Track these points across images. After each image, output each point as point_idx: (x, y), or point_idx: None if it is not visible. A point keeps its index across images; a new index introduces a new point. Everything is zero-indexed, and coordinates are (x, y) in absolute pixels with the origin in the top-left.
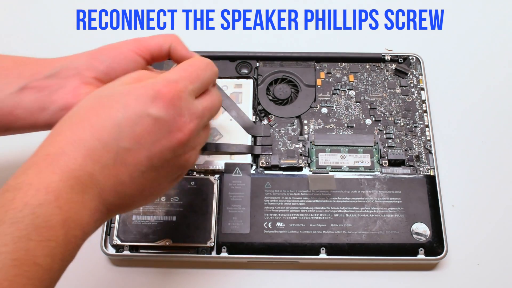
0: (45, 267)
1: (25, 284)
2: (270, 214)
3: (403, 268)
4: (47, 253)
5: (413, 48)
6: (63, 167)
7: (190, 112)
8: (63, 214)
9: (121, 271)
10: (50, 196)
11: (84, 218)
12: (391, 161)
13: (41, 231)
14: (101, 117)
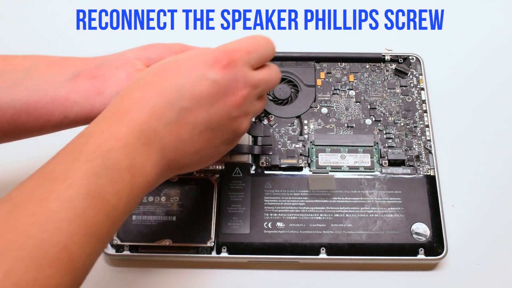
0: (112, 205)
1: (94, 216)
2: (270, 214)
3: (403, 268)
4: (114, 192)
5: (413, 48)
6: (131, 121)
7: (245, 79)
8: (129, 161)
9: (121, 271)
10: (119, 143)
11: (148, 168)
12: (391, 161)
13: (110, 172)
14: (165, 80)
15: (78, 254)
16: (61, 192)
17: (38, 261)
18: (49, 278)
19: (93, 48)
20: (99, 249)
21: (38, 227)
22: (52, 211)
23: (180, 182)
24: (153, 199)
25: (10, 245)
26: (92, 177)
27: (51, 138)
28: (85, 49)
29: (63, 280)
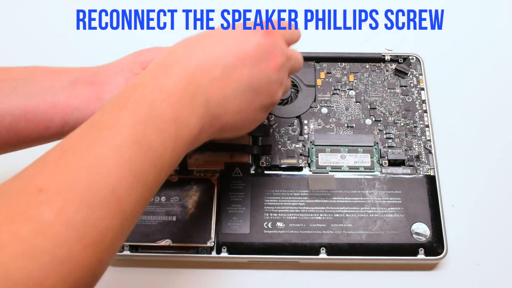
0: (159, 154)
1: (141, 163)
2: (270, 214)
3: (403, 268)
4: (160, 142)
5: (413, 48)
6: (176, 74)
7: (282, 48)
8: (174, 112)
9: (121, 271)
10: (164, 95)
11: (192, 121)
12: (391, 161)
13: (156, 122)
14: (210, 42)
15: (126, 199)
16: (108, 139)
17: (88, 202)
18: (100, 220)
19: (93, 48)
20: (146, 198)
21: (87, 171)
22: (100, 156)
23: (180, 182)
24: (153, 199)
25: (61, 187)
26: (139, 125)
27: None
28: (85, 50)
29: (113, 223)
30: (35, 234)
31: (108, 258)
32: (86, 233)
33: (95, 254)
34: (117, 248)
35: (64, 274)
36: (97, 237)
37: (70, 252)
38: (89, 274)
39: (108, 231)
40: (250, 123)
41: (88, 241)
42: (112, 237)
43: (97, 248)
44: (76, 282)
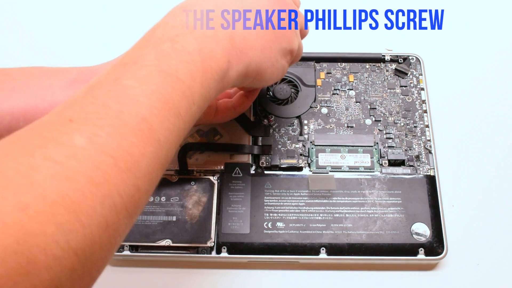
0: (187, 85)
1: (169, 92)
2: (270, 214)
3: (403, 268)
4: (187, 73)
5: (413, 48)
6: (196, 11)
7: (292, 4)
8: (198, 44)
9: (121, 271)
10: (186, 30)
11: (218, 52)
12: (391, 161)
13: (180, 54)
14: None
15: (158, 127)
16: (134, 72)
17: (120, 129)
18: (133, 146)
19: (94, 48)
20: (180, 129)
21: (115, 100)
22: (127, 87)
23: (180, 182)
24: (153, 199)
25: (90, 116)
26: (163, 58)
27: None
28: (83, 49)
29: (147, 150)
30: (69, 157)
31: (146, 186)
32: (120, 158)
33: (131, 180)
34: (155, 178)
35: (101, 196)
36: (132, 163)
37: (106, 176)
38: (127, 200)
39: (143, 158)
40: (273, 66)
41: (123, 166)
42: (148, 164)
43: (133, 174)
44: (116, 206)
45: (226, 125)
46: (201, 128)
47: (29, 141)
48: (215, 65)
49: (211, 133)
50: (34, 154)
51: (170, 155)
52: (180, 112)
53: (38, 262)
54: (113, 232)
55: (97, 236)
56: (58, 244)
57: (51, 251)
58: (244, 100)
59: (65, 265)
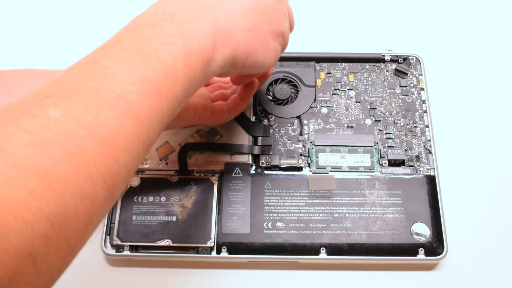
0: (169, 65)
1: (150, 72)
2: (270, 214)
3: (403, 268)
4: (168, 53)
5: (413, 48)
6: (180, 2)
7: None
8: (179, 28)
9: (121, 271)
10: (166, 15)
11: (201, 34)
12: (391, 161)
13: (160, 37)
14: None
15: (137, 103)
16: (113, 54)
17: (96, 103)
18: (110, 119)
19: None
20: (162, 106)
21: (93, 79)
22: (106, 67)
23: (180, 182)
24: (153, 199)
25: (67, 91)
26: (142, 40)
27: None
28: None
29: (126, 125)
30: (42, 128)
31: (126, 160)
32: (96, 130)
33: (109, 152)
34: (136, 153)
35: (76, 166)
36: (109, 136)
37: (80, 146)
38: (105, 171)
39: (121, 132)
40: (265, 48)
41: (99, 138)
42: (127, 139)
43: (110, 146)
44: (92, 177)
45: (226, 125)
46: (201, 128)
47: (4, 115)
48: (199, 47)
49: (211, 133)
50: (8, 125)
51: (153, 133)
52: (162, 90)
53: (8, 225)
54: (90, 204)
55: (72, 204)
56: (29, 209)
57: (22, 215)
58: (238, 102)
59: (37, 230)
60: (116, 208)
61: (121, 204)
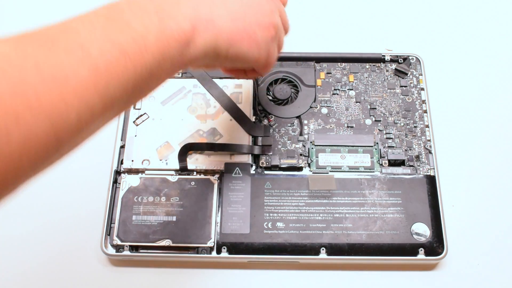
0: (139, 33)
1: (116, 32)
2: (270, 214)
3: (403, 268)
4: (140, 23)
5: (413, 48)
6: None
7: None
8: (156, 6)
9: (121, 271)
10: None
11: (179, 16)
12: (391, 161)
13: (134, 10)
14: None
15: (97, 55)
16: (82, 18)
17: (51, 47)
18: (63, 62)
19: None
20: (127, 67)
21: (56, 32)
22: (71, 26)
23: (180, 182)
24: (153, 199)
25: (24, 37)
26: (115, 10)
27: None
28: None
29: (80, 71)
30: None
31: (77, 105)
32: (45, 67)
33: (56, 90)
34: (91, 104)
35: (12, 90)
36: (58, 75)
37: (22, 75)
38: (48, 105)
39: (74, 76)
40: (250, 38)
41: (46, 74)
42: (80, 84)
43: (58, 85)
44: (31, 106)
45: (226, 125)
46: (201, 128)
47: None
48: (175, 26)
49: (211, 133)
50: None
51: (114, 90)
52: (128, 52)
53: None
54: (27, 133)
55: (3, 125)
56: None
57: None
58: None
59: None
60: (116, 208)
61: (121, 204)
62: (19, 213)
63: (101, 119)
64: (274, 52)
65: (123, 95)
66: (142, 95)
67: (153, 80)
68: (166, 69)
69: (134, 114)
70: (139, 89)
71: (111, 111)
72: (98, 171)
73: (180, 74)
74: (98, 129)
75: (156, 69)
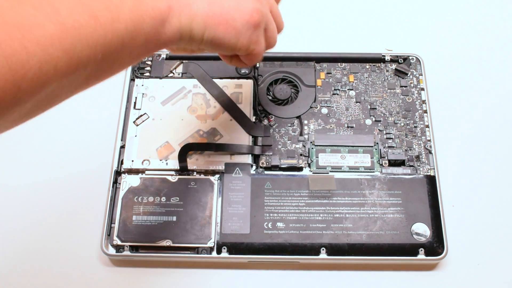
0: (114, 2)
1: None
2: (270, 214)
3: (403, 268)
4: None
5: (413, 48)
6: None
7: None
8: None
9: (121, 271)
10: None
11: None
12: (391, 161)
13: None
14: None
15: (65, 14)
16: None
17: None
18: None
19: None
20: (97, 30)
21: None
22: None
23: (180, 182)
24: (153, 199)
25: None
26: None
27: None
28: None
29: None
30: None
31: (39, 55)
32: (7, 13)
33: (18, 36)
34: (55, 58)
35: None
36: (21, 23)
37: None
38: (9, 52)
39: (38, 27)
40: (227, 24)
41: (8, 20)
42: (44, 36)
43: (20, 32)
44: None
45: (226, 125)
46: (201, 128)
47: None
48: (151, 3)
49: (211, 133)
50: None
51: (80, 49)
52: (99, 17)
53: None
54: None
55: None
56: None
57: None
58: None
59: None
60: (116, 208)
61: (121, 204)
62: (19, 213)
63: (66, 79)
64: (258, 41)
65: (90, 58)
66: (114, 67)
67: (125, 53)
68: (140, 44)
69: (134, 114)
70: (110, 58)
71: (78, 73)
72: (98, 171)
73: (180, 74)
74: (64, 93)
75: (129, 40)
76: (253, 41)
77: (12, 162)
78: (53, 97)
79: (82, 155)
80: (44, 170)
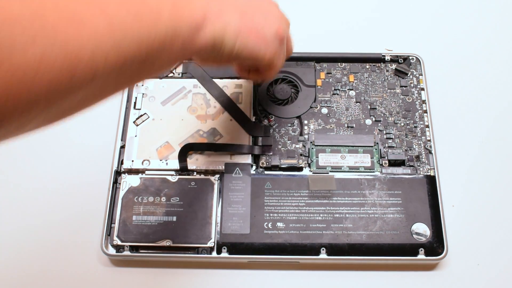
0: (154, 8)
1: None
2: (270, 214)
3: (403, 268)
4: (155, 2)
5: (413, 48)
6: None
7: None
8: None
9: (121, 271)
10: None
11: (191, 4)
12: (391, 161)
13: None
14: None
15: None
16: None
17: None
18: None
19: None
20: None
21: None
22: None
23: (180, 182)
24: (153, 199)
25: None
26: None
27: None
28: None
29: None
30: None
31: (90, 45)
32: (61, 9)
33: (72, 29)
34: (106, 50)
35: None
36: (74, 17)
37: None
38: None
39: (89, 21)
40: (258, 34)
41: (63, 15)
42: (94, 29)
43: (73, 24)
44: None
45: (226, 125)
46: (201, 128)
47: None
48: (188, 11)
49: (211, 133)
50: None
51: (128, 46)
52: (142, 19)
53: None
54: (41, 51)
55: (22, 41)
56: None
57: None
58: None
59: None
60: (116, 208)
61: (121, 204)
62: (20, 213)
63: (114, 75)
64: (281, 56)
65: (136, 55)
66: (154, 67)
67: (165, 55)
68: (177, 48)
69: (134, 114)
70: (152, 58)
71: (124, 69)
72: (98, 171)
73: (180, 74)
74: (110, 89)
75: (168, 43)
76: (277, 55)
77: (12, 162)
78: (100, 92)
79: (82, 155)
80: (44, 170)
